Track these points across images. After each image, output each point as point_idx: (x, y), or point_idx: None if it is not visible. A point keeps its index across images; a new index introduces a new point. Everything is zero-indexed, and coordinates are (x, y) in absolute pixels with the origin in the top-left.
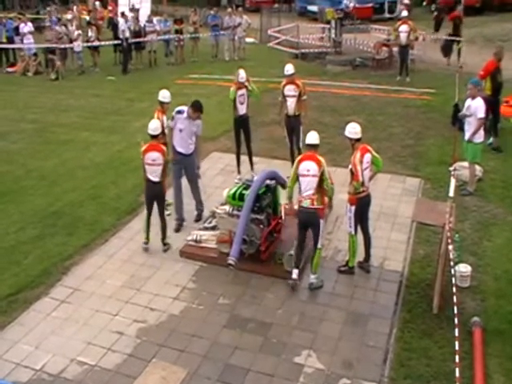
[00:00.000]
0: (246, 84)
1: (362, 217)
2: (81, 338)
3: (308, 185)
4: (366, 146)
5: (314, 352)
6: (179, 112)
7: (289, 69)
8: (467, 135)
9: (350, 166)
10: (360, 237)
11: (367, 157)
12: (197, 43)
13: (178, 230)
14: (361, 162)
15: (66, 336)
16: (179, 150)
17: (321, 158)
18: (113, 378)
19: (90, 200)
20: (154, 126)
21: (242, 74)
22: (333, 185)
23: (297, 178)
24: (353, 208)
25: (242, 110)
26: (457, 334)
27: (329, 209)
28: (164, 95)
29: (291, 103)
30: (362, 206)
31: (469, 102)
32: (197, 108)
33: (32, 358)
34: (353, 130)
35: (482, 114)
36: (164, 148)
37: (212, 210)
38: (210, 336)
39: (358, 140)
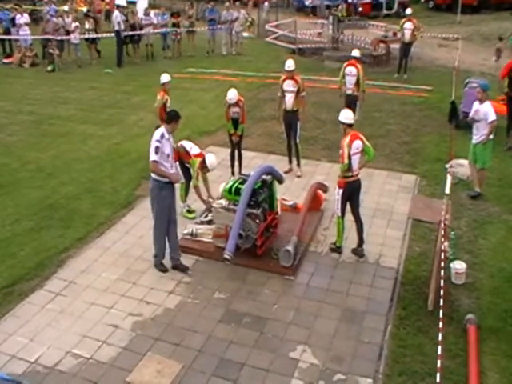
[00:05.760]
0: (241, 104)
1: (351, 202)
2: (76, 330)
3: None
4: (357, 133)
5: (309, 347)
6: (162, 136)
7: (290, 65)
8: (475, 139)
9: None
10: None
11: (357, 143)
12: (193, 37)
13: (164, 270)
14: (349, 146)
15: (61, 328)
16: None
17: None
18: (108, 371)
19: (87, 193)
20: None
21: (230, 94)
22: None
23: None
24: (340, 191)
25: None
26: (440, 337)
27: None
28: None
29: (289, 98)
30: (350, 190)
31: (476, 105)
32: (171, 117)
33: (27, 351)
34: (345, 115)
35: (492, 117)
36: None
37: None
38: (206, 330)
39: (349, 126)
